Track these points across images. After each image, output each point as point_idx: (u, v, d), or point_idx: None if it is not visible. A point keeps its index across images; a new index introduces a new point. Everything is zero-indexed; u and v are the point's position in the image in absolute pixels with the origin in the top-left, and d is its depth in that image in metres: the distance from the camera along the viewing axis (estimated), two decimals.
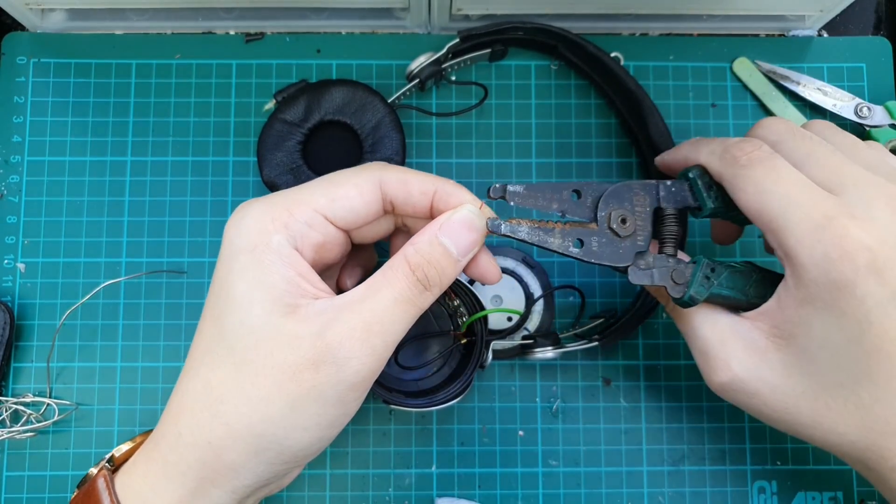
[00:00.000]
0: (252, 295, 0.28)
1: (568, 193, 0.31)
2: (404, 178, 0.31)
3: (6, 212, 0.42)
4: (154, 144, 0.43)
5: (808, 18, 0.45)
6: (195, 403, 0.28)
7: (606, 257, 0.31)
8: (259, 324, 0.27)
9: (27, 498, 0.40)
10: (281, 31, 0.44)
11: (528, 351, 0.39)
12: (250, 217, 0.29)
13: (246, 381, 0.27)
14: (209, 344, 0.29)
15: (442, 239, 0.29)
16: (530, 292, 0.41)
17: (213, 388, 0.28)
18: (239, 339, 0.28)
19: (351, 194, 0.30)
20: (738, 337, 0.31)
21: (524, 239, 0.30)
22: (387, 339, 0.28)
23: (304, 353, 0.27)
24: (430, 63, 0.41)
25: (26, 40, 0.44)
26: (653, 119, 0.41)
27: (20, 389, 0.41)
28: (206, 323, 0.29)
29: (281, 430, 0.27)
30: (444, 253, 0.29)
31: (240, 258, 0.28)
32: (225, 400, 0.27)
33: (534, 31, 0.42)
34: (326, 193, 0.30)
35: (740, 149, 0.31)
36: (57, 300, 0.41)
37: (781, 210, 0.29)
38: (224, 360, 0.28)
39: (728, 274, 0.31)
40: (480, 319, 0.37)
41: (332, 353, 0.27)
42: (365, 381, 0.28)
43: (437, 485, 0.41)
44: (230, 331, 0.28)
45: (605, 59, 0.41)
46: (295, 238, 0.29)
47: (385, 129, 0.40)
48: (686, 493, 0.41)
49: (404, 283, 0.29)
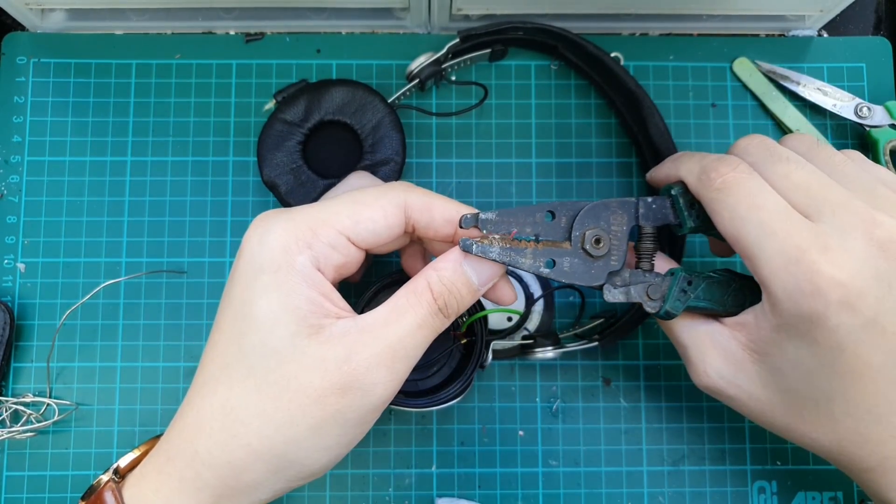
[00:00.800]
0: (276, 316, 0.28)
1: (542, 215, 0.31)
2: (429, 203, 0.30)
3: (6, 212, 0.42)
4: (154, 144, 0.43)
5: (808, 18, 0.45)
6: (213, 422, 0.28)
7: (578, 277, 0.31)
8: (282, 346, 0.27)
9: (27, 498, 0.40)
10: (281, 31, 0.44)
11: (528, 351, 0.39)
12: (273, 235, 0.28)
13: (268, 404, 0.27)
14: (226, 362, 0.28)
15: (466, 268, 0.30)
16: (530, 292, 0.41)
17: (232, 407, 0.28)
18: (261, 360, 0.27)
19: (376, 216, 0.30)
20: (716, 345, 0.32)
21: (495, 259, 0.30)
22: (408, 363, 0.29)
23: (330, 377, 0.27)
24: (430, 63, 0.41)
25: (26, 40, 0.44)
26: (653, 119, 0.41)
27: (20, 389, 0.41)
28: (221, 339, 0.29)
29: (303, 451, 0.28)
30: (466, 283, 0.30)
31: (262, 278, 0.28)
32: (246, 421, 0.27)
33: (534, 31, 0.42)
34: (352, 215, 0.29)
35: (716, 170, 0.30)
36: (57, 300, 0.41)
37: (756, 239, 0.29)
38: (244, 381, 0.28)
39: (706, 286, 0.32)
40: (480, 319, 0.37)
41: (358, 379, 0.27)
42: (386, 403, 0.29)
43: (437, 485, 0.41)
44: (251, 351, 0.28)
45: (605, 59, 0.41)
46: (318, 259, 0.29)
47: (385, 129, 0.40)
48: (686, 493, 0.41)
49: (426, 309, 0.29)
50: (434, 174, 0.43)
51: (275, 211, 0.30)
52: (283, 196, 0.39)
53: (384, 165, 0.40)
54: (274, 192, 0.40)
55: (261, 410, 0.27)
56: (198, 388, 0.29)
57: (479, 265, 0.30)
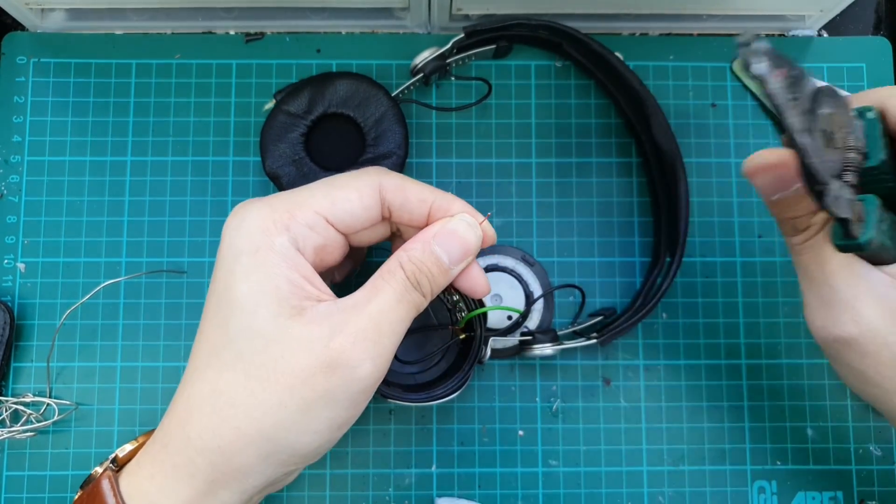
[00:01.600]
0: (257, 298, 0.28)
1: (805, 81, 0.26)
2: (402, 184, 0.31)
3: (6, 212, 0.42)
4: (154, 144, 0.43)
5: (808, 18, 0.45)
6: (203, 407, 0.28)
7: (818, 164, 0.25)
8: (267, 327, 0.27)
9: (27, 498, 0.40)
10: (281, 31, 0.44)
11: (526, 347, 0.39)
12: (251, 219, 0.29)
13: (256, 386, 0.27)
14: (213, 347, 0.28)
15: (434, 247, 0.30)
16: (530, 291, 0.41)
17: (221, 392, 0.28)
18: (246, 343, 0.27)
19: (352, 197, 0.30)
20: (875, 294, 0.29)
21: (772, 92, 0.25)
22: (394, 338, 0.29)
23: (316, 356, 0.27)
24: (435, 58, 0.41)
25: (26, 40, 0.44)
26: (656, 119, 0.41)
27: (20, 389, 0.41)
28: (208, 325, 0.29)
29: (293, 434, 0.27)
30: (436, 262, 0.30)
31: (242, 260, 0.28)
32: (235, 404, 0.27)
33: (539, 28, 0.42)
34: (327, 196, 0.30)
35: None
36: (57, 300, 0.41)
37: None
38: (232, 365, 0.28)
39: (891, 223, 0.28)
40: (479, 315, 0.37)
41: (345, 355, 0.27)
42: (375, 382, 0.28)
43: (437, 485, 0.41)
44: (236, 334, 0.28)
45: (609, 57, 0.41)
46: (297, 240, 0.29)
47: (388, 123, 0.40)
48: (686, 493, 0.41)
49: (402, 285, 0.29)
50: (434, 174, 0.43)
51: (252, 199, 0.30)
52: (285, 187, 0.40)
53: (386, 159, 0.40)
54: (276, 183, 0.40)
55: (249, 392, 0.27)
56: (188, 376, 0.29)
57: (448, 244, 0.30)
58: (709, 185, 0.43)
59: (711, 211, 0.43)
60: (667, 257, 0.41)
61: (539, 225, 0.43)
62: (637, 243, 0.43)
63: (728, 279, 0.43)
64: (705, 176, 0.44)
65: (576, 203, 0.43)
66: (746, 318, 0.42)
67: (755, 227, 0.43)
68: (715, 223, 0.43)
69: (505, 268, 0.41)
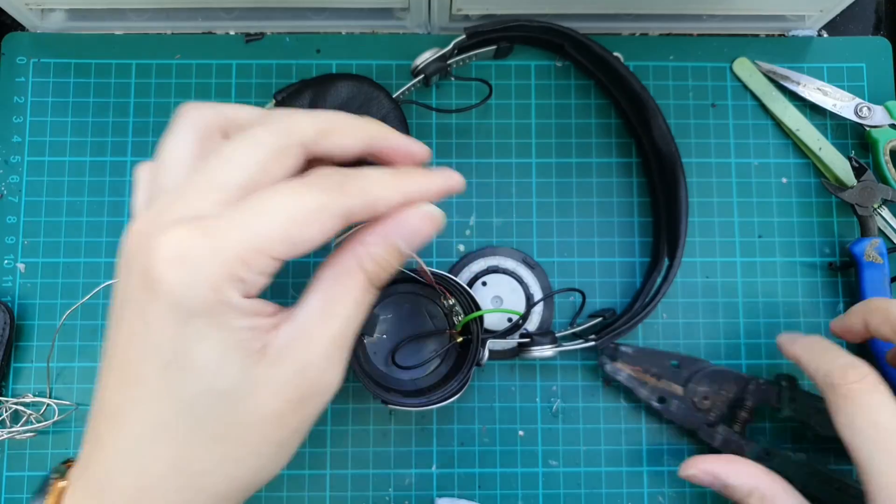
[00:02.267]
0: (220, 358, 0.25)
1: (669, 362, 0.40)
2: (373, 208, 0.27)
3: (6, 212, 0.42)
4: (154, 145, 0.43)
5: (808, 18, 0.45)
6: (167, 483, 0.25)
7: (679, 419, 0.39)
8: (233, 384, 0.25)
9: (27, 498, 0.40)
10: (281, 31, 0.44)
11: (525, 349, 0.39)
12: (201, 274, 0.24)
13: (229, 446, 0.26)
14: (163, 419, 0.25)
15: (397, 241, 0.27)
16: (530, 293, 0.41)
17: (188, 462, 0.25)
18: (211, 407, 0.25)
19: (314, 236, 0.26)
20: None
21: (622, 382, 0.39)
22: (352, 342, 0.27)
23: (287, 399, 0.26)
24: (436, 59, 0.41)
25: (26, 40, 0.44)
26: (656, 121, 0.41)
27: (20, 389, 0.41)
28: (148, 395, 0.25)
29: (266, 472, 0.27)
30: (398, 255, 0.28)
31: (195, 322, 0.24)
32: (209, 471, 0.26)
33: (540, 29, 0.42)
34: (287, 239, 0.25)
35: (843, 376, 0.32)
36: (57, 300, 0.41)
37: (868, 454, 0.30)
38: (195, 432, 0.25)
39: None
40: (476, 318, 0.37)
41: (314, 386, 0.26)
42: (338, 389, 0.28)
43: (437, 485, 0.41)
44: (196, 401, 0.25)
45: (610, 59, 0.41)
46: (248, 289, 0.25)
47: (390, 124, 0.40)
48: (686, 493, 0.41)
49: (361, 290, 0.27)
50: None
51: (188, 231, 0.25)
52: None
53: None
54: None
55: (222, 455, 0.26)
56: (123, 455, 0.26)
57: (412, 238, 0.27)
58: (709, 185, 0.43)
59: (711, 211, 0.43)
60: (666, 258, 0.41)
61: (539, 225, 0.43)
62: (637, 244, 0.43)
63: (728, 279, 0.43)
64: (705, 176, 0.44)
65: (576, 203, 0.43)
66: (746, 319, 0.42)
67: (755, 227, 0.43)
68: (715, 223, 0.43)
69: (506, 270, 0.41)
